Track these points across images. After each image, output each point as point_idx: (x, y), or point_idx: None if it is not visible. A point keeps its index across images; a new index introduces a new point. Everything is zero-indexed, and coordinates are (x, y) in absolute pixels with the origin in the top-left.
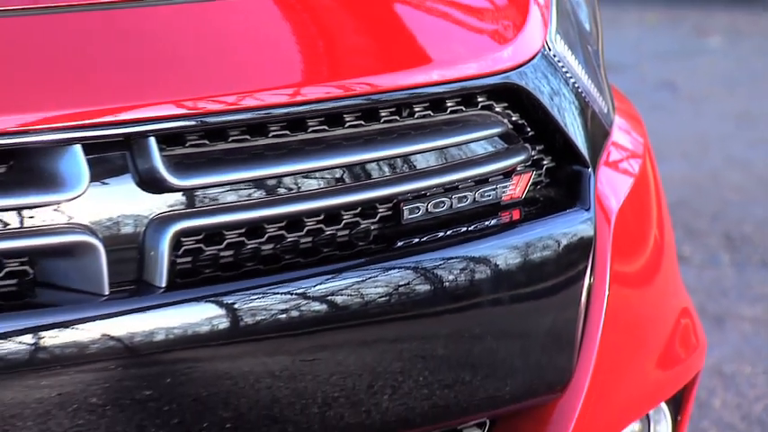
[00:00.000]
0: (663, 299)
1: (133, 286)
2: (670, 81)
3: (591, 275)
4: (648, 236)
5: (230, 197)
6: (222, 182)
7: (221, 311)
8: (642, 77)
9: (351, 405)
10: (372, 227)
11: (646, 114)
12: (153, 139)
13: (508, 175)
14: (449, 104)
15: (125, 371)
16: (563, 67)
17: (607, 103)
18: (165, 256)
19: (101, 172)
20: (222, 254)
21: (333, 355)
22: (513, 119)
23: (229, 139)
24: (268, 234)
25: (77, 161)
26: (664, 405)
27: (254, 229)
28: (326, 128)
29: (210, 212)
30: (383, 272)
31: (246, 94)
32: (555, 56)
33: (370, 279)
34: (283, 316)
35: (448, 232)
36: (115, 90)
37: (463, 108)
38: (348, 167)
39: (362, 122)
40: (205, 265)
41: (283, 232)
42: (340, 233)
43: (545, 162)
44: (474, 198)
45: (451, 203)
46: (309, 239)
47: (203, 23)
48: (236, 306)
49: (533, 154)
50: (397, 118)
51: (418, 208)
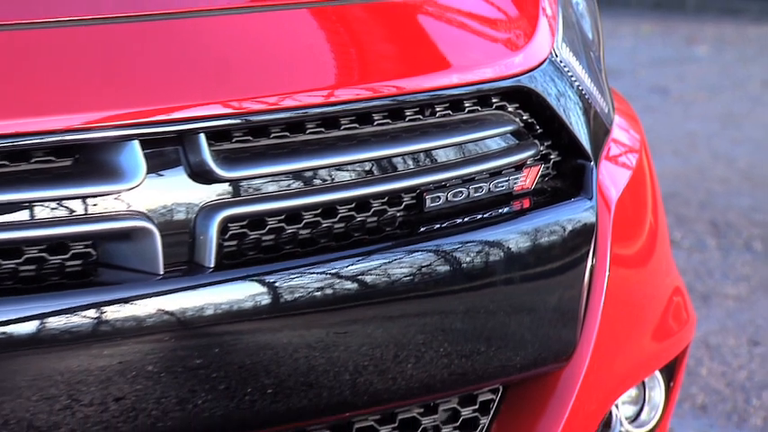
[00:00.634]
0: (657, 278)
1: (185, 267)
2: (662, 86)
3: (593, 257)
4: (644, 222)
5: (271, 187)
6: (264, 174)
7: (263, 289)
8: (637, 82)
9: (378, 373)
10: (398, 214)
11: (640, 115)
12: (203, 136)
13: (519, 168)
14: (466, 105)
15: (178, 342)
16: (568, 71)
17: (608, 104)
18: (214, 239)
19: (156, 165)
20: (264, 238)
21: (362, 328)
22: (524, 118)
23: (271, 136)
24: (305, 220)
25: (136, 155)
26: (658, 373)
27: (293, 215)
28: (357, 126)
29: (254, 201)
30: (407, 254)
31: (286, 95)
32: (561, 61)
33: (395, 261)
34: (318, 293)
35: (465, 219)
36: (169, 92)
37: (479, 108)
38: (376, 161)
39: (389, 121)
40: (249, 248)
41: (319, 219)
42: (369, 219)
43: (552, 156)
44: (489, 188)
45: (469, 193)
46: (342, 225)
47: (247, 32)
48: (276, 285)
49: (542, 149)
50: (421, 117)
51: (439, 197)
